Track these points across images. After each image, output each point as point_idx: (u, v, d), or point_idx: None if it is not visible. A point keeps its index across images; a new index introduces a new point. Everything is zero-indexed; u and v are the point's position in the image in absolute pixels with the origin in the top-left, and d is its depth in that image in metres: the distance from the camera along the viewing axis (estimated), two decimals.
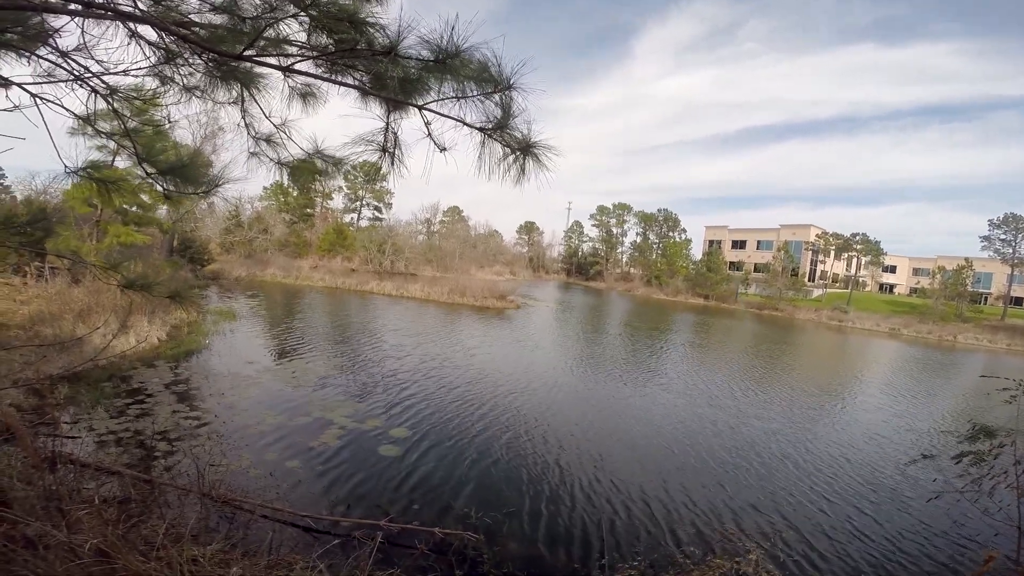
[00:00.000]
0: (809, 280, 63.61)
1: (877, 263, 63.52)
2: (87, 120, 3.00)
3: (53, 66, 2.72)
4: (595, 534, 6.35)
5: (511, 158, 2.56)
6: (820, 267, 66.55)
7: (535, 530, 6.28)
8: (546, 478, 7.74)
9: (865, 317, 47.97)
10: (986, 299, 61.34)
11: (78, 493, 4.71)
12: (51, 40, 2.62)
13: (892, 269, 75.76)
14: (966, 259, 54.41)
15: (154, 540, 4.14)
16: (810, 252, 64.63)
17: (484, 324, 24.09)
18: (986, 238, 54.62)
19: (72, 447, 6.57)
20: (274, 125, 3.05)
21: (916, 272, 75.10)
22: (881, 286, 75.35)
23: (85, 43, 2.62)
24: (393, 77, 2.27)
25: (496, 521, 6.26)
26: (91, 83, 2.80)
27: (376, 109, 2.58)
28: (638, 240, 78.33)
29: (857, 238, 59.94)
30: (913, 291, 71.21)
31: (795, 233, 66.24)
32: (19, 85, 2.66)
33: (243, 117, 3.02)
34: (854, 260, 63.72)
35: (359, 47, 2.32)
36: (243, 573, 4.01)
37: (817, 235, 63.59)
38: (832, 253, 63.70)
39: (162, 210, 22.47)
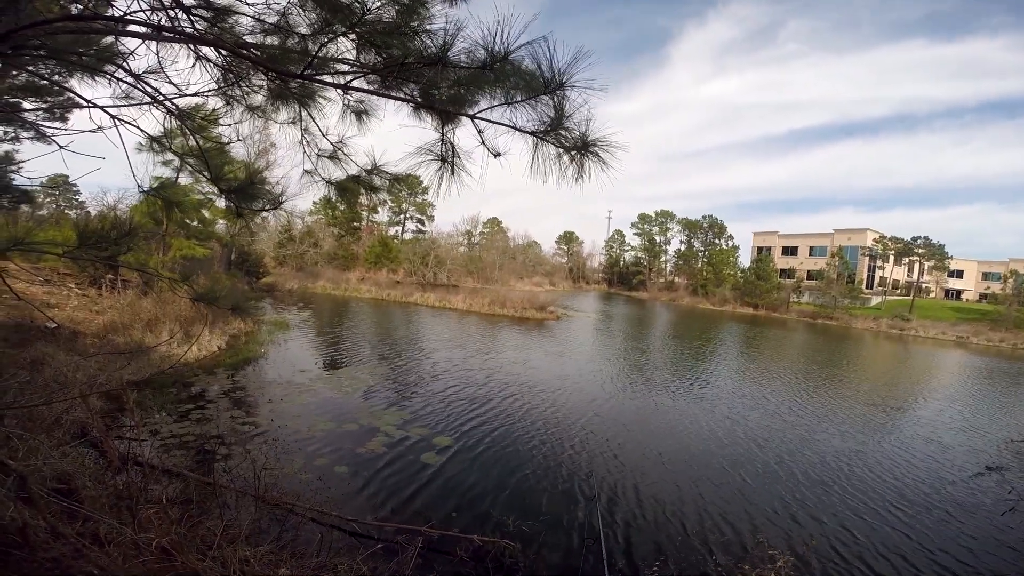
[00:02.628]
0: (867, 287, 60.11)
1: (942, 268, 59.30)
2: (160, 140, 3.23)
3: (130, 88, 2.95)
4: (629, 543, 6.23)
5: (566, 158, 2.51)
6: (879, 273, 62.87)
7: (571, 539, 6.20)
8: (583, 488, 7.62)
9: (929, 325, 44.85)
10: None
11: (146, 493, 4.97)
12: (124, 62, 2.84)
13: (959, 274, 70.66)
14: None
15: (212, 540, 4.32)
16: (867, 258, 61.16)
17: (524, 335, 24.07)
18: None
19: (140, 449, 6.97)
20: (331, 143, 3.17)
21: (986, 276, 69.79)
22: (947, 292, 70.35)
23: (161, 65, 2.83)
24: (443, 87, 2.31)
25: (533, 530, 6.22)
26: (165, 105, 3.02)
27: (430, 120, 2.63)
28: (682, 248, 76.45)
29: (919, 241, 56.33)
30: (983, 297, 66.13)
31: (850, 238, 62.89)
32: (101, 107, 2.90)
33: (303, 136, 3.16)
34: (916, 265, 59.89)
35: (408, 60, 2.39)
36: (291, 574, 4.13)
37: (874, 239, 60.13)
38: (891, 258, 60.05)
39: (221, 224, 23.75)
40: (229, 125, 3.34)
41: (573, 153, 2.51)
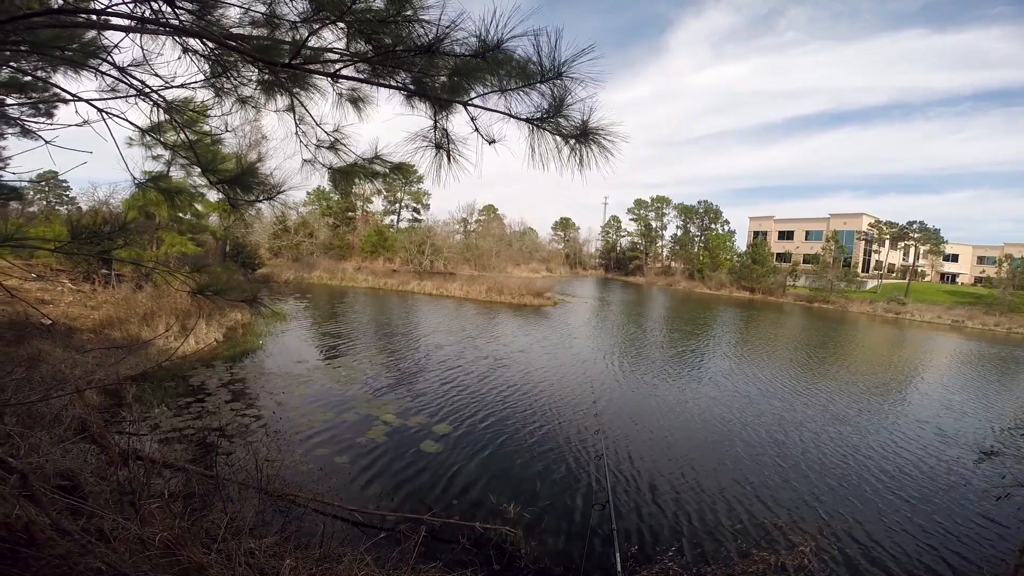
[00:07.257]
0: (863, 271, 60.36)
1: (937, 252, 59.50)
2: (150, 132, 3.17)
3: (116, 81, 2.89)
4: (635, 528, 6.29)
5: (565, 149, 2.47)
6: (875, 257, 63.06)
7: (573, 525, 6.26)
8: (584, 473, 7.68)
9: (925, 309, 45.00)
10: None
11: (148, 488, 4.98)
12: (109, 56, 2.78)
13: (954, 258, 71.03)
14: None
15: (216, 533, 4.34)
16: (863, 242, 61.31)
17: (522, 322, 24.10)
18: None
19: (141, 444, 6.98)
20: (326, 132, 3.13)
21: (981, 260, 70.23)
22: (942, 276, 70.75)
23: (146, 58, 2.77)
24: (434, 76, 2.28)
25: (534, 516, 6.29)
26: (152, 97, 2.96)
27: (423, 108, 2.60)
28: (678, 233, 76.51)
29: (914, 226, 56.40)
30: (978, 280, 66.59)
31: (846, 222, 62.92)
32: (87, 101, 2.84)
33: (296, 126, 3.11)
34: (911, 249, 60.06)
35: (398, 49, 2.35)
36: (295, 565, 4.15)
37: (870, 224, 60.20)
38: (887, 242, 60.18)
39: (214, 217, 23.54)
40: (219, 116, 3.28)
41: (572, 142, 2.46)
